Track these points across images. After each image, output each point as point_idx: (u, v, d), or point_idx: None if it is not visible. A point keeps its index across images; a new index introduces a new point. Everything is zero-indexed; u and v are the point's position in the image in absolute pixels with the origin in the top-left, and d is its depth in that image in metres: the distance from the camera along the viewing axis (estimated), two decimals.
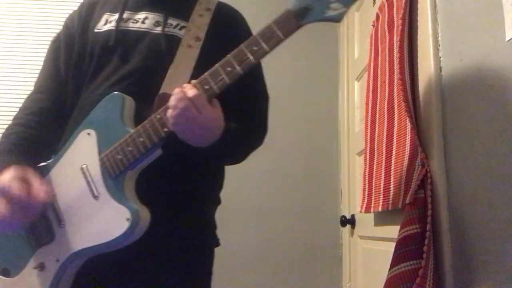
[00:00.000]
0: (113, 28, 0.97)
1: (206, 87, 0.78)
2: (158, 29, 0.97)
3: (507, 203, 0.77)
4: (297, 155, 2.20)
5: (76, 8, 1.08)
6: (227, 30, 1.00)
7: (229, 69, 0.76)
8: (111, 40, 0.95)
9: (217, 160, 0.99)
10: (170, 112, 0.78)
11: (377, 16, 1.47)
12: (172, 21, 0.98)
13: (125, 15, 0.99)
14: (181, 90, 0.77)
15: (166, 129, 0.80)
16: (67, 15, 1.09)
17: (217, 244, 1.01)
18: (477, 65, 0.89)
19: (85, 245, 0.82)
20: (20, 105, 1.02)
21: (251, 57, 0.76)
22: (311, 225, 2.12)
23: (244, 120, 0.94)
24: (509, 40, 0.78)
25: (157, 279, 0.88)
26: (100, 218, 0.81)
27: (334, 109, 2.25)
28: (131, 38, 0.96)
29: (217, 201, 1.04)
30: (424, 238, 0.92)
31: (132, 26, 0.97)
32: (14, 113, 1.00)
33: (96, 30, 0.99)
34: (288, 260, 2.08)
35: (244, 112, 0.96)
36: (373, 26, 1.52)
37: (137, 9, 1.00)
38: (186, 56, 0.93)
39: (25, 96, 1.03)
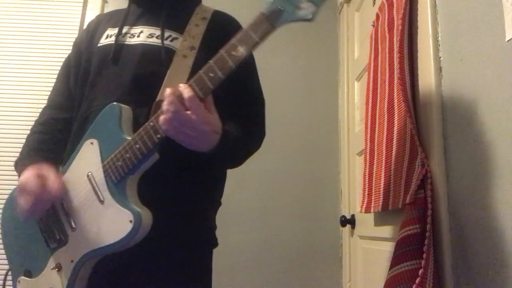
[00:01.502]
0: (112, 42, 1.02)
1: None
2: (151, 41, 1.01)
3: (507, 203, 0.77)
4: (297, 155, 2.20)
5: (73, 8, 1.10)
6: (222, 38, 1.02)
7: (211, 74, 0.80)
8: (110, 54, 1.00)
9: (217, 165, 1.02)
10: (162, 118, 0.81)
11: (377, 16, 1.47)
12: (166, 34, 1.02)
13: (124, 30, 1.05)
14: (170, 93, 0.81)
15: (159, 135, 0.84)
16: (66, 16, 1.10)
17: (215, 245, 1.02)
18: (477, 65, 0.89)
19: (94, 246, 0.88)
20: (20, 105, 1.02)
21: (231, 62, 0.79)
22: (311, 225, 2.12)
23: (242, 125, 0.97)
24: (509, 40, 0.78)
25: (156, 277, 0.90)
26: (106, 221, 0.87)
27: (334, 109, 2.25)
28: (127, 51, 1.01)
29: (217, 204, 1.06)
30: (424, 238, 0.92)
31: (128, 40, 1.03)
32: (15, 112, 1.01)
33: (98, 45, 1.06)
34: (288, 260, 2.08)
35: (242, 117, 0.99)
36: (373, 26, 1.52)
37: (135, 24, 1.06)
38: (181, 65, 0.97)
39: (27, 95, 1.03)
